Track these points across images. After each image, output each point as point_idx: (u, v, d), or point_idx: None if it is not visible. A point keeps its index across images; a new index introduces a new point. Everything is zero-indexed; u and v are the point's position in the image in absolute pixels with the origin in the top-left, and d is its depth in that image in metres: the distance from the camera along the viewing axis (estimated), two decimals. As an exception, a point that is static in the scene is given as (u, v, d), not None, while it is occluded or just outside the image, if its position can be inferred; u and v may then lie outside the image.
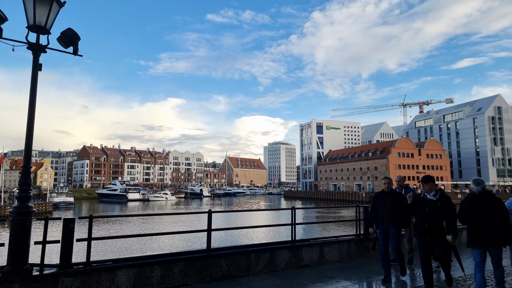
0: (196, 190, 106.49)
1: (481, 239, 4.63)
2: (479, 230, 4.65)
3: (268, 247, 6.12)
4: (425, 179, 5.10)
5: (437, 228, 4.81)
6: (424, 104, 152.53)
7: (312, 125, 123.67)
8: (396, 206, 5.59)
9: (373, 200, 5.92)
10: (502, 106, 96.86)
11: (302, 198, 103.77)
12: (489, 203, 4.71)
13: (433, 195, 4.97)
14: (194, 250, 5.45)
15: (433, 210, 4.85)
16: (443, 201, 4.90)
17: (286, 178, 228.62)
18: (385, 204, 5.67)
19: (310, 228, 29.31)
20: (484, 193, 4.80)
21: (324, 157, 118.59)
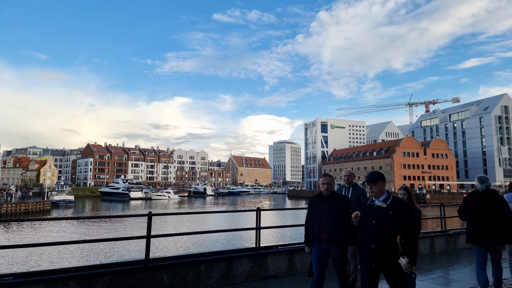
0: (200, 189, 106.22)
1: (484, 236, 4.65)
2: (482, 227, 4.66)
3: (224, 256, 5.21)
4: (372, 177, 3.48)
5: (388, 248, 3.24)
6: (430, 104, 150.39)
7: (317, 124, 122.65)
8: (338, 217, 3.93)
9: (308, 207, 4.28)
10: (509, 105, 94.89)
11: (306, 198, 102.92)
12: (492, 201, 4.72)
13: (383, 200, 3.42)
14: (127, 261, 4.43)
15: (382, 222, 3.30)
16: (396, 208, 3.34)
17: (291, 177, 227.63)
18: (323, 214, 4.01)
19: (282, 233, 26.22)
20: (488, 191, 4.79)
21: (329, 156, 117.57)
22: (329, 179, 4.17)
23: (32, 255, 19.08)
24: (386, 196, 3.45)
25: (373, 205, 3.43)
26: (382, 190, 3.45)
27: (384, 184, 3.48)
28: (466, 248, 9.04)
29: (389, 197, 3.44)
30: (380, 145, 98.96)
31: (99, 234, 27.85)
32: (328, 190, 4.13)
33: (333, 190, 4.20)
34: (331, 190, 4.16)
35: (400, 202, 3.44)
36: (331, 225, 3.96)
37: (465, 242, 5.20)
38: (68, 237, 26.30)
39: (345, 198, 4.23)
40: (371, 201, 3.48)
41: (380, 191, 3.44)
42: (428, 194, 72.58)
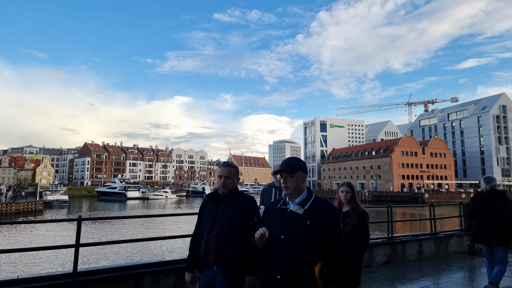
0: (198, 189, 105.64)
1: (486, 236, 4.74)
2: (484, 227, 4.76)
3: (174, 266, 4.31)
4: (288, 166, 2.22)
5: (302, 283, 2.02)
6: (429, 103, 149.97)
7: (316, 123, 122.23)
8: (233, 228, 2.61)
9: (199, 211, 2.90)
10: (507, 105, 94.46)
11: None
12: (495, 201, 4.72)
13: (300, 202, 2.17)
14: (49, 275, 3.62)
15: (295, 239, 2.08)
16: (318, 216, 2.11)
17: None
18: (214, 222, 2.66)
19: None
20: (492, 192, 4.82)
21: (328, 155, 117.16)
22: (229, 170, 2.74)
23: None
24: (305, 197, 2.18)
25: (286, 210, 2.18)
26: (301, 187, 2.20)
27: (305, 177, 2.23)
28: (457, 252, 8.50)
29: (309, 197, 2.19)
30: (379, 144, 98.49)
31: (32, 242, 23.33)
32: (225, 186, 2.69)
33: (234, 188, 2.73)
34: (232, 187, 2.71)
35: (326, 206, 2.15)
36: (219, 241, 2.57)
37: (471, 242, 5.32)
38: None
39: (250, 200, 2.73)
40: (283, 204, 2.22)
41: (297, 187, 2.18)
42: (427, 194, 72.13)
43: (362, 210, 3.61)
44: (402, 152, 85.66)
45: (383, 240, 7.47)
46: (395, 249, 7.46)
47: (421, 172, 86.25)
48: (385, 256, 7.25)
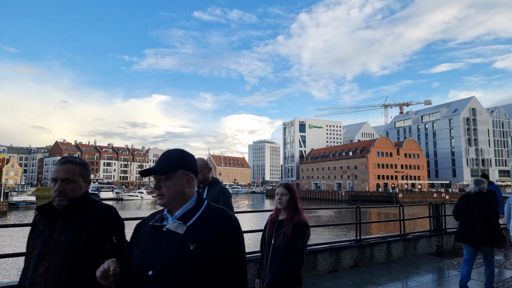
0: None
1: (471, 237, 4.85)
2: (469, 228, 4.89)
3: None
4: (163, 164, 1.44)
5: None
6: (404, 105, 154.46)
7: (295, 124, 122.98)
8: (70, 259, 1.58)
9: (29, 234, 1.83)
10: (476, 108, 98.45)
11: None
12: (481, 203, 4.89)
13: (182, 216, 1.38)
14: None
15: (170, 275, 1.27)
16: (208, 236, 1.32)
17: (271, 176, 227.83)
18: (45, 251, 1.62)
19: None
20: (480, 194, 4.99)
21: (306, 155, 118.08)
22: (69, 169, 1.69)
23: None
24: (190, 207, 1.41)
25: (161, 228, 1.39)
26: (185, 193, 1.43)
27: (191, 178, 1.45)
28: (426, 253, 8.36)
29: (198, 207, 1.42)
30: (356, 145, 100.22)
31: None
32: (63, 195, 1.65)
33: (79, 196, 1.70)
34: (74, 195, 1.68)
35: (221, 220, 1.39)
36: (50, 282, 1.56)
37: (454, 241, 5.65)
38: None
39: (108, 212, 1.74)
40: (159, 219, 1.43)
41: (177, 194, 1.42)
42: (401, 193, 73.95)
43: (300, 220, 2.78)
44: (377, 152, 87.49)
45: (350, 243, 7.18)
46: (363, 252, 7.19)
47: (396, 172, 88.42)
48: (352, 260, 6.96)
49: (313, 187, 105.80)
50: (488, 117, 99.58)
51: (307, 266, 6.28)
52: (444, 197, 75.68)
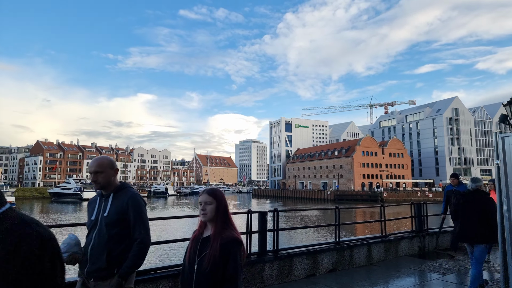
0: (161, 189, 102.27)
1: (466, 235, 4.96)
2: (467, 226, 4.97)
3: None
4: None
5: None
6: (389, 105, 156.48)
7: (281, 123, 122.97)
8: None
9: None
10: (459, 108, 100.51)
11: (269, 197, 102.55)
12: (478, 201, 4.95)
13: None
14: None
15: None
16: None
17: (257, 176, 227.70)
18: None
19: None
20: (477, 192, 5.07)
21: (293, 155, 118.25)
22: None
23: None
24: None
25: None
26: None
27: None
28: (408, 255, 8.09)
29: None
30: (342, 144, 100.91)
31: None
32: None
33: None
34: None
35: None
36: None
37: (451, 239, 5.71)
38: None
39: None
40: None
41: None
42: (385, 192, 74.76)
43: (232, 236, 2.08)
44: (363, 152, 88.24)
45: (329, 246, 6.83)
46: (342, 255, 6.85)
47: (381, 172, 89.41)
48: (331, 264, 6.60)
49: (299, 186, 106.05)
50: (470, 117, 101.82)
51: (282, 271, 5.89)
52: (428, 195, 76.96)
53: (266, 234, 5.96)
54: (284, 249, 6.27)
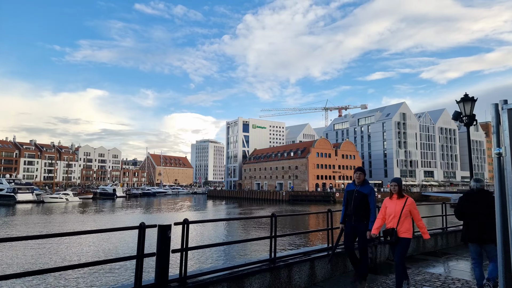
0: (108, 190, 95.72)
1: (477, 235, 4.93)
2: (475, 226, 4.96)
3: None
4: None
5: None
6: (343, 109, 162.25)
7: (239, 123, 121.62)
8: None
9: None
10: (406, 113, 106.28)
11: (225, 198, 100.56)
12: (485, 200, 4.96)
13: None
14: None
15: None
16: None
17: (214, 177, 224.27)
18: None
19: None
20: (482, 191, 5.10)
21: (249, 155, 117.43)
22: None
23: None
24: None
25: None
26: None
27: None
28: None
29: None
30: (297, 145, 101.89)
31: None
32: None
33: None
34: None
35: None
36: None
37: (460, 241, 5.90)
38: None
39: None
40: None
41: None
42: (337, 193, 76.36)
43: None
44: (317, 153, 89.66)
45: (261, 266, 5.25)
46: (278, 277, 5.31)
47: (334, 173, 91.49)
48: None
49: (256, 187, 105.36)
50: (416, 121, 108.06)
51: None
52: (377, 196, 79.81)
53: (168, 256, 4.23)
54: (197, 274, 4.58)
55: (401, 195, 5.18)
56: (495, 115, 2.28)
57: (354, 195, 5.53)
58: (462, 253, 8.78)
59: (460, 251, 9.03)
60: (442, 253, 8.67)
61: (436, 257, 8.27)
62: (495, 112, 2.28)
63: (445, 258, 8.13)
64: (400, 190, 5.21)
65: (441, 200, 79.43)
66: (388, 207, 5.23)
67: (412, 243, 8.49)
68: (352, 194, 5.57)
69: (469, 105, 11.15)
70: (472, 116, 11.18)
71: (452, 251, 8.96)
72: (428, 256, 8.37)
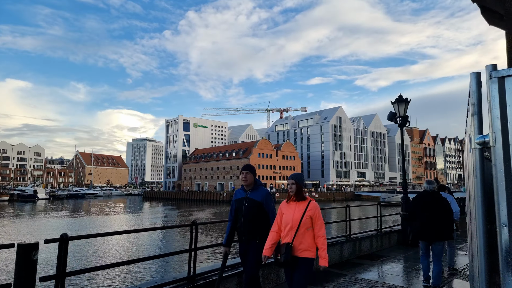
0: (28, 192, 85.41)
1: (427, 233, 5.36)
2: (426, 225, 5.36)
3: None
4: None
5: None
6: (284, 111, 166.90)
7: (179, 122, 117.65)
8: None
9: None
10: (342, 117, 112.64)
11: (163, 199, 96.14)
12: (436, 201, 5.38)
13: None
14: None
15: None
16: None
17: (152, 177, 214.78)
18: None
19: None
20: (434, 193, 5.49)
21: (190, 155, 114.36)
22: None
23: None
24: None
25: None
26: None
27: None
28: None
29: None
30: (239, 146, 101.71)
31: None
32: None
33: None
34: None
35: None
36: None
37: (411, 239, 7.05)
38: None
39: None
40: None
41: None
42: (277, 193, 77.71)
43: None
44: (259, 154, 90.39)
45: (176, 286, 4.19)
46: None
47: (274, 173, 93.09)
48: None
49: (196, 188, 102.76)
50: (350, 125, 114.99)
51: None
52: (314, 196, 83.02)
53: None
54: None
55: (301, 197, 3.63)
56: (477, 88, 1.58)
57: (244, 205, 4.03)
58: (395, 255, 8.66)
59: (394, 253, 8.93)
60: (377, 256, 8.45)
61: (371, 260, 8.00)
62: (476, 85, 1.59)
63: (380, 262, 7.87)
64: (300, 190, 3.66)
65: (372, 199, 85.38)
66: (284, 214, 3.64)
67: (348, 246, 8.12)
68: (242, 204, 4.07)
69: (403, 106, 11.31)
70: (406, 117, 11.38)
71: (386, 254, 8.80)
72: (364, 260, 8.05)
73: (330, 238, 7.99)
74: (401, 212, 10.57)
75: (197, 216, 45.01)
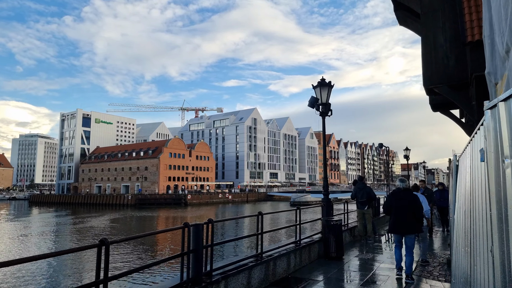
0: None
1: (400, 227, 5.91)
2: (398, 220, 5.88)
3: None
4: None
5: None
6: (199, 110, 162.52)
7: (78, 116, 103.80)
8: None
9: None
10: (257, 118, 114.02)
11: (55, 204, 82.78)
12: (408, 198, 5.88)
13: None
14: None
15: None
16: None
17: (44, 179, 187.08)
18: None
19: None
20: (406, 190, 6.00)
21: (90, 154, 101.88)
22: None
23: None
24: None
25: None
26: None
27: None
28: None
29: None
30: (148, 144, 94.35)
31: None
32: None
33: None
34: None
35: None
36: None
37: (387, 232, 7.51)
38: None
39: None
40: None
41: None
42: (189, 195, 73.78)
43: None
44: (170, 153, 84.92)
45: None
46: None
47: (187, 174, 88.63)
48: None
49: (96, 190, 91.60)
50: (265, 127, 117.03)
51: None
52: (228, 197, 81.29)
53: None
54: None
55: None
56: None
57: None
58: (317, 275, 6.60)
59: (316, 272, 6.86)
60: (296, 280, 6.22)
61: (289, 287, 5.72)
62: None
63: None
64: None
65: (283, 199, 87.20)
66: None
67: (260, 270, 5.72)
68: None
69: (325, 91, 9.51)
70: (328, 105, 9.65)
71: (306, 274, 6.67)
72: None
73: (235, 262, 5.46)
74: (321, 217, 8.70)
75: (90, 224, 38.48)
